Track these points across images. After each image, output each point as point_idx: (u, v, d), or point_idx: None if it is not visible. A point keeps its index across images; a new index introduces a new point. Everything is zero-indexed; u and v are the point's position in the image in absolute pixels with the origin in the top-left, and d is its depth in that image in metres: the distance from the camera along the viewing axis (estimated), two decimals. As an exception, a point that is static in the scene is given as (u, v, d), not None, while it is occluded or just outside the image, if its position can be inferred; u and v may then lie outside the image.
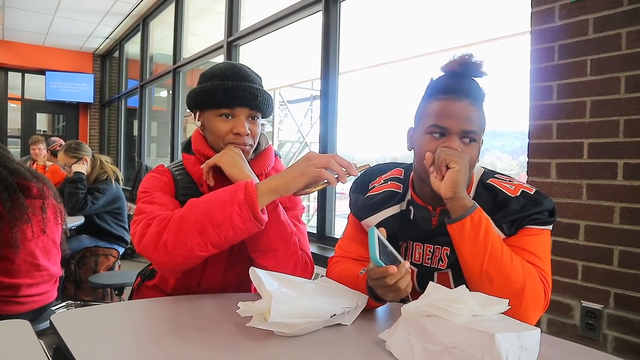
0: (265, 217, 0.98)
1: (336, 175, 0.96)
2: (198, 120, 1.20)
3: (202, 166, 1.15)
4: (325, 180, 0.96)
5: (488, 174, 1.05)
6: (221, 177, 1.15)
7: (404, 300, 0.92)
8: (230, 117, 1.14)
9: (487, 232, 0.91)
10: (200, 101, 1.16)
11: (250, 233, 0.99)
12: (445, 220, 0.96)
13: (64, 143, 3.52)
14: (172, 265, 1.01)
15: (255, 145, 1.21)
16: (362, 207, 1.14)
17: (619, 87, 1.59)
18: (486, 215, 0.94)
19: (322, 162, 0.96)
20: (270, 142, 1.31)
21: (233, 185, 0.99)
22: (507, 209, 0.97)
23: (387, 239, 0.99)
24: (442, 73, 1.03)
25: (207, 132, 1.18)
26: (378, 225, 1.10)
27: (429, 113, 1.00)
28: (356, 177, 1.17)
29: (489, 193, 1.00)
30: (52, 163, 4.58)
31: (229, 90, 1.12)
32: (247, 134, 1.14)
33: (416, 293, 0.94)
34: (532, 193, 0.98)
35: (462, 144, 0.97)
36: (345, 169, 0.96)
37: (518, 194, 0.98)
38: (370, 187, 1.15)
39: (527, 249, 0.96)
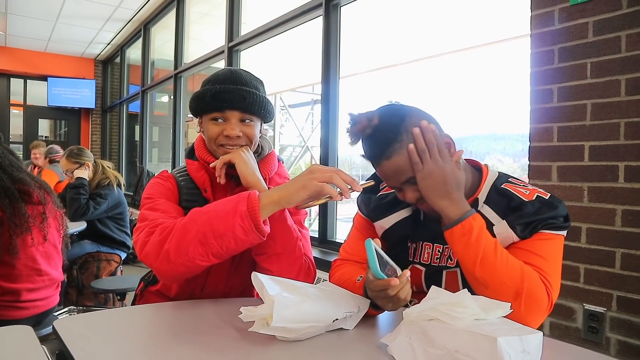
0: (267, 228, 0.99)
1: (339, 191, 0.96)
2: (198, 126, 1.22)
3: (214, 163, 1.15)
4: (328, 195, 0.96)
5: (502, 178, 1.04)
6: (227, 177, 1.16)
7: (405, 305, 0.92)
8: (221, 121, 1.15)
9: (478, 239, 0.91)
10: (195, 107, 1.18)
11: (251, 244, 0.99)
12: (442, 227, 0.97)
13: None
14: (174, 274, 1.01)
15: (255, 147, 1.21)
16: (375, 207, 1.13)
17: (620, 89, 1.59)
18: (481, 221, 0.94)
19: (325, 176, 0.96)
20: (272, 147, 1.32)
21: (236, 196, 1.00)
22: (521, 211, 0.97)
23: (398, 242, 0.99)
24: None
25: (205, 137, 1.20)
26: (391, 228, 1.11)
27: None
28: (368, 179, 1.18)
29: (504, 198, 1.00)
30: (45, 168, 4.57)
31: (217, 94, 1.13)
32: (238, 136, 1.14)
33: (422, 293, 0.94)
34: (547, 198, 0.98)
35: (413, 189, 0.99)
36: (349, 185, 0.96)
37: (533, 199, 0.98)
38: (381, 187, 1.16)
39: (537, 252, 0.96)
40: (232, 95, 1.13)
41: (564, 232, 0.99)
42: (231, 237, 0.96)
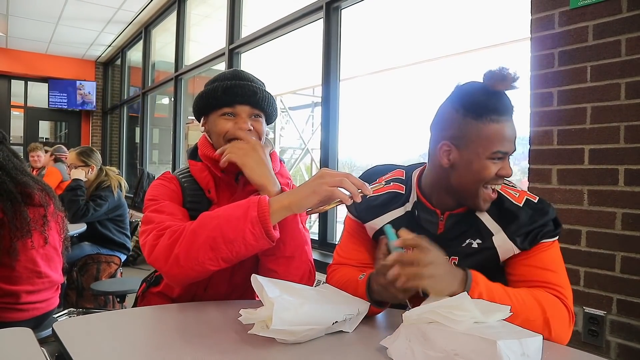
0: (277, 233, 0.98)
1: (349, 195, 0.95)
2: (202, 126, 1.21)
3: (220, 150, 1.12)
4: (339, 200, 0.96)
5: None
6: (232, 176, 1.16)
7: (405, 307, 0.92)
8: (232, 116, 1.15)
9: (490, 296, 0.88)
10: (202, 105, 1.18)
11: (261, 249, 0.99)
12: None
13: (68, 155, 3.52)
14: (183, 278, 1.01)
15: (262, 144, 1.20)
16: (366, 208, 1.12)
17: (619, 93, 1.60)
18: (479, 278, 0.90)
19: (335, 180, 0.95)
20: (274, 147, 1.32)
21: (246, 201, 0.99)
22: (517, 221, 0.97)
23: None
24: (480, 86, 0.96)
25: (212, 135, 1.18)
26: (382, 229, 1.10)
27: (489, 137, 0.94)
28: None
29: (495, 201, 1.00)
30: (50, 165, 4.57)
31: (228, 89, 1.14)
32: (249, 129, 1.14)
33: (420, 298, 0.94)
34: (536, 202, 0.99)
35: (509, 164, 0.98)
36: (359, 189, 0.96)
37: (523, 204, 0.98)
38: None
39: (546, 267, 0.97)
40: (244, 90, 1.14)
41: (559, 235, 1.01)
42: (241, 243, 0.95)
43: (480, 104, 0.94)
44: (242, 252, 0.97)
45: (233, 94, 1.13)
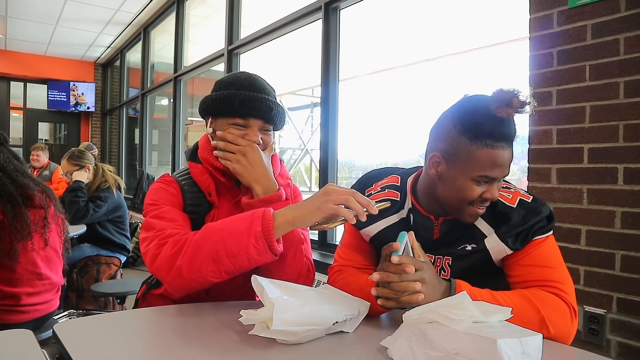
0: (280, 247, 0.98)
1: (355, 214, 0.93)
2: (209, 127, 1.19)
3: (216, 154, 1.14)
4: (343, 218, 0.95)
5: None
6: (233, 182, 1.16)
7: (405, 307, 0.92)
8: (243, 127, 1.13)
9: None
10: (214, 108, 1.15)
11: (264, 263, 0.99)
12: None
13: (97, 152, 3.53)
14: (185, 288, 1.02)
15: (271, 154, 1.20)
16: None
17: (618, 92, 1.60)
18: (465, 286, 0.92)
19: (340, 198, 0.93)
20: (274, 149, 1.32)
21: (250, 214, 0.98)
22: (509, 222, 0.97)
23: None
24: (484, 106, 0.92)
25: (216, 135, 1.18)
26: (378, 235, 1.10)
27: (479, 160, 0.93)
28: (353, 185, 1.17)
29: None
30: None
31: (245, 101, 1.12)
32: (259, 144, 1.14)
33: None
34: (529, 201, 0.99)
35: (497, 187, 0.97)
36: (364, 208, 0.94)
37: (516, 204, 0.98)
38: (366, 195, 1.13)
39: (541, 263, 0.97)
40: (261, 104, 1.13)
41: (552, 230, 1.00)
42: (244, 257, 0.96)
43: (478, 126, 0.92)
44: (245, 266, 0.98)
45: (249, 108, 1.12)
